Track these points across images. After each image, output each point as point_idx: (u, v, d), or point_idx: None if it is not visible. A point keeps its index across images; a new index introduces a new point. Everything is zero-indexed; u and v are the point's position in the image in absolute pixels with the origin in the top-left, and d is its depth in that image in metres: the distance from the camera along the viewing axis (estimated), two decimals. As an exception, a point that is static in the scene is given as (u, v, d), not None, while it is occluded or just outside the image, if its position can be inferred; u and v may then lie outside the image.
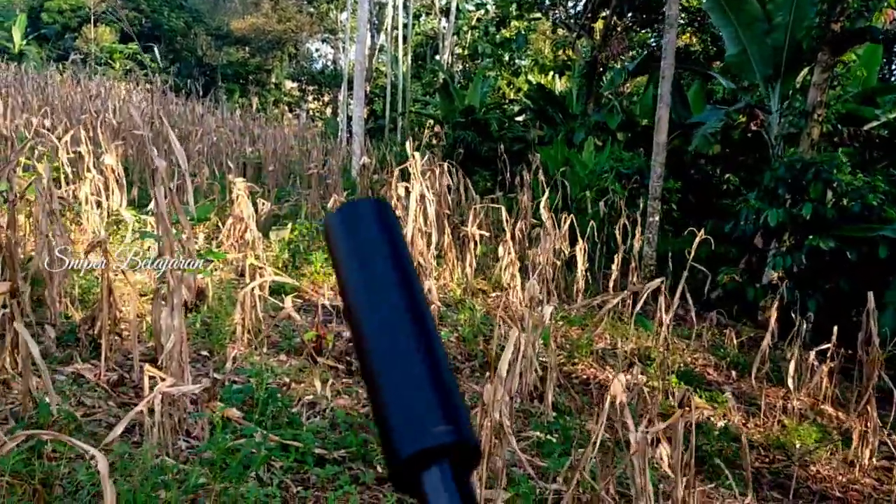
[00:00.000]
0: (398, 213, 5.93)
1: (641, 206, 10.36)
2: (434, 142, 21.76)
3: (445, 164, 8.04)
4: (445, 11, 23.62)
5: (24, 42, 29.73)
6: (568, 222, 7.67)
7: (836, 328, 5.94)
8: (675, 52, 8.76)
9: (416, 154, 5.56)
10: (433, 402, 0.47)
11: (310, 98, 31.78)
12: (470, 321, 6.72)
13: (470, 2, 24.70)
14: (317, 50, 33.72)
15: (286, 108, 32.33)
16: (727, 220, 12.46)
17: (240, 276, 7.71)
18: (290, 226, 8.22)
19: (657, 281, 6.27)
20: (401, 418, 0.46)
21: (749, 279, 9.17)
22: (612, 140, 14.53)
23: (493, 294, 8.25)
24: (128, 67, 24.30)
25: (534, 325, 5.17)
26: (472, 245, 7.13)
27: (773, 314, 9.27)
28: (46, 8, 31.02)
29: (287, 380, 4.81)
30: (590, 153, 13.54)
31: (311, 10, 29.16)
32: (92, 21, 28.25)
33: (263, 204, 9.77)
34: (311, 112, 33.32)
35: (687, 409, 2.88)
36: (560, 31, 19.82)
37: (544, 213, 7.35)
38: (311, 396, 4.60)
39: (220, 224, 8.71)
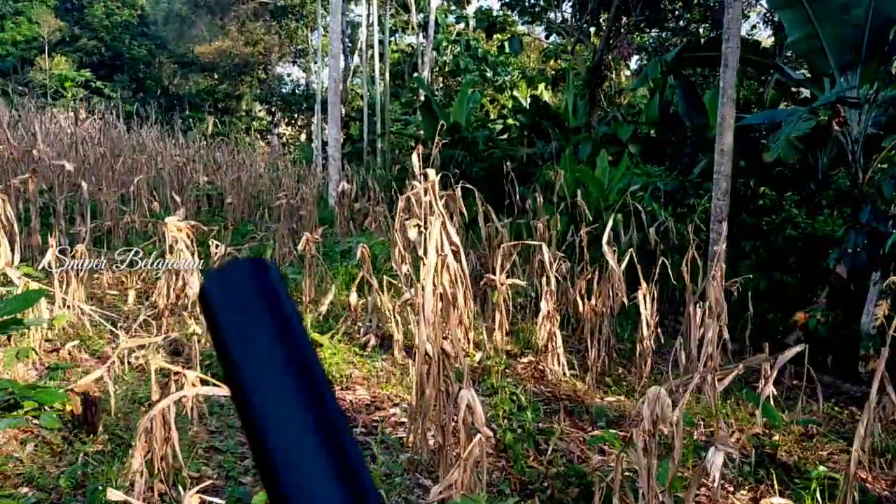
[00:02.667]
0: (406, 264, 3.67)
1: (687, 229, 8.20)
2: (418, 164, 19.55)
3: (458, 188, 5.78)
4: (423, 26, 21.51)
5: (-23, 76, 27.25)
6: (626, 259, 5.44)
7: None
8: (739, 34, 6.59)
9: (430, 171, 3.33)
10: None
11: (281, 124, 29.45)
12: (509, 416, 4.45)
13: (450, 15, 22.59)
14: (288, 75, 31.42)
15: (257, 135, 30.01)
16: (772, 239, 10.34)
17: (174, 355, 5.40)
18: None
19: (795, 349, 4.06)
20: None
21: (844, 321, 7.00)
22: (625, 153, 12.42)
23: (525, 360, 5.98)
24: (80, 96, 21.87)
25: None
26: (500, 299, 4.85)
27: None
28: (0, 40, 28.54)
29: None
30: (603, 169, 11.40)
31: (279, 30, 26.83)
32: (46, 50, 25.80)
33: (217, 247, 7.47)
34: (283, 138, 31.03)
35: None
36: (552, 38, 17.81)
37: (607, 251, 5.10)
38: None
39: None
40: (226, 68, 28.18)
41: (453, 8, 22.52)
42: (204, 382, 3.19)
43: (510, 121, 20.90)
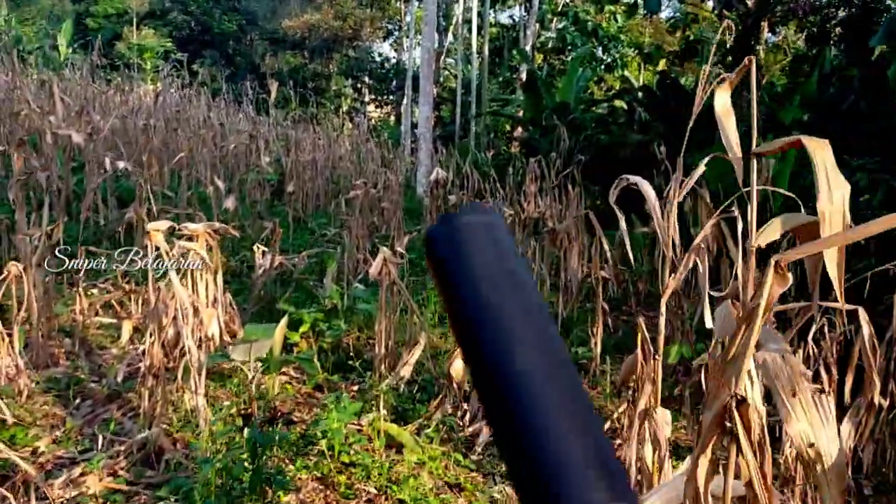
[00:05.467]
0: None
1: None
2: (515, 150, 16.95)
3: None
4: (527, -4, 18.82)
5: (70, 50, 26.13)
6: None
7: None
8: None
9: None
10: (590, 464, 0.34)
11: (370, 106, 27.22)
12: None
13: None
14: (380, 54, 29.14)
15: (346, 116, 27.94)
16: None
17: (145, 467, 3.04)
18: (282, 322, 3.51)
19: None
20: (555, 487, 0.34)
21: None
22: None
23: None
24: (161, 68, 20.18)
25: None
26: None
27: None
28: (92, 13, 27.32)
29: None
30: (769, 157, 8.58)
31: (371, 1, 24.46)
32: (134, 23, 24.32)
33: (263, 254, 5.17)
34: (371, 120, 28.89)
35: None
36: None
37: None
38: None
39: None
40: (315, 44, 26.12)
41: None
42: None
43: (617, 103, 18.10)
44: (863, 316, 2.43)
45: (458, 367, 3.23)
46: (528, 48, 18.28)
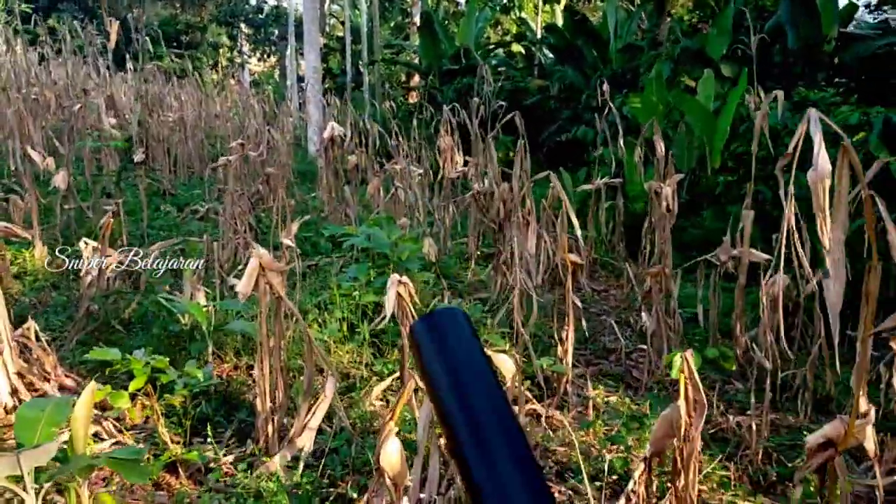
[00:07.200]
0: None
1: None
2: (414, 100, 15.52)
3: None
4: (416, -69, 17.13)
5: None
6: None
7: None
8: None
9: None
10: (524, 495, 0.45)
11: (252, 59, 24.87)
12: None
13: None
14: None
15: (225, 71, 25.55)
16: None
17: None
18: (85, 397, 2.10)
19: None
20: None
21: None
22: (718, 77, 8.56)
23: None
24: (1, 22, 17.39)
25: None
26: None
27: None
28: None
29: None
30: (707, 97, 7.59)
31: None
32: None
33: (93, 253, 3.67)
34: (255, 75, 26.60)
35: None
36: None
37: None
38: None
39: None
40: (185, -8, 23.48)
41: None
42: None
43: (515, 47, 16.93)
44: None
45: (390, 452, 1.93)
46: (419, -11, 16.72)
